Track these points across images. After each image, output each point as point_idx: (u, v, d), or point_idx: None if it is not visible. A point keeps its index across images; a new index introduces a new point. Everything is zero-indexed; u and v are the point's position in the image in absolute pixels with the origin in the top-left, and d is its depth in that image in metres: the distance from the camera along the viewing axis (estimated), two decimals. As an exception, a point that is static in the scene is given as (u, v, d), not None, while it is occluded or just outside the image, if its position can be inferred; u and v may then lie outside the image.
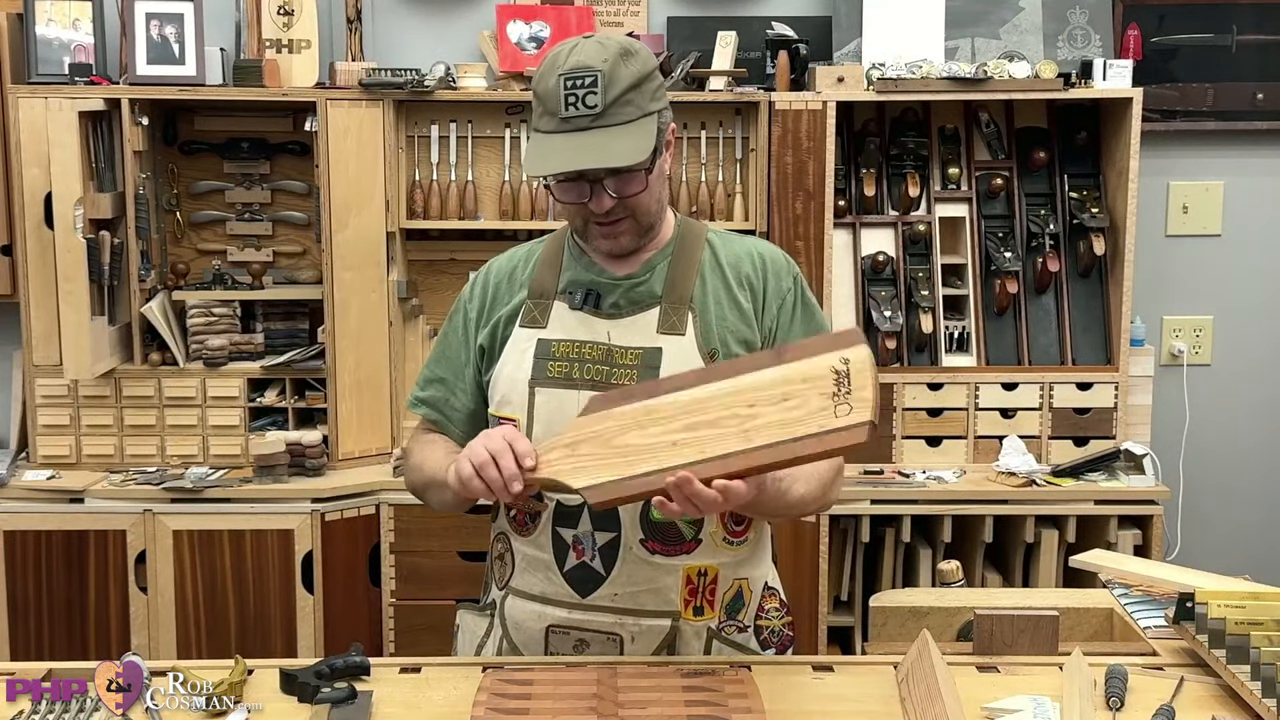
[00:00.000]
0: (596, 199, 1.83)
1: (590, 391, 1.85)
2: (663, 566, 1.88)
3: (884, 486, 3.35)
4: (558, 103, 1.79)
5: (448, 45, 3.64)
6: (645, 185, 1.84)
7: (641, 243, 1.91)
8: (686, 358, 1.87)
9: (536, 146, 1.83)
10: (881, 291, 3.54)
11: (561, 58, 1.81)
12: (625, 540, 1.87)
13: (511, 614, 1.96)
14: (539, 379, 1.90)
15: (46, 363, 3.39)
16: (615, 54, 1.80)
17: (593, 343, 1.90)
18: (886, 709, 1.73)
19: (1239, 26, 3.71)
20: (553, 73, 1.80)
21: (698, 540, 1.90)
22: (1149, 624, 2.05)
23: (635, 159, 1.79)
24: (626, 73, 1.80)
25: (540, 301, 1.94)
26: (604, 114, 1.78)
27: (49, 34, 3.41)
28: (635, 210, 1.86)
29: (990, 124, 3.62)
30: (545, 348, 1.91)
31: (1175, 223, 3.81)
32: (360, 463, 3.46)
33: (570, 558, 1.90)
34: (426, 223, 3.53)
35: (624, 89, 1.79)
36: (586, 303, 1.91)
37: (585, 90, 1.78)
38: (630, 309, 1.91)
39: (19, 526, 3.28)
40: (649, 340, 1.89)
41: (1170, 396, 3.78)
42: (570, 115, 1.78)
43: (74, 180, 3.21)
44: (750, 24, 3.61)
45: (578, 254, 1.96)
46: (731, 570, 1.95)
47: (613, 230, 1.87)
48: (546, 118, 1.81)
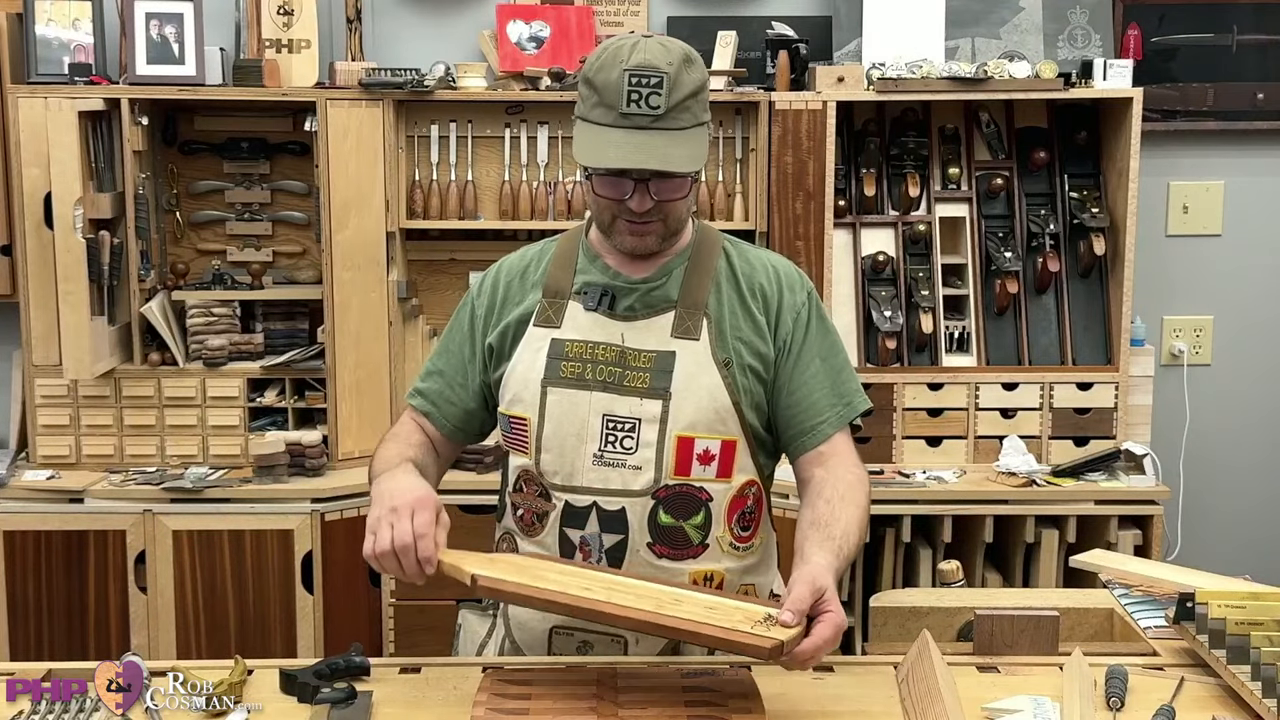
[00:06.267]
0: (638, 197, 1.83)
1: (602, 393, 1.86)
2: (669, 570, 1.88)
3: (884, 486, 3.34)
4: (619, 97, 1.78)
5: (448, 45, 3.64)
6: (687, 192, 1.86)
7: (664, 245, 1.91)
8: (700, 363, 1.87)
9: (590, 136, 1.81)
10: (881, 291, 3.54)
11: (625, 52, 1.79)
12: (632, 544, 1.87)
13: (515, 614, 1.96)
14: (551, 378, 1.89)
15: (46, 363, 3.39)
16: (680, 58, 1.81)
17: (606, 344, 1.89)
18: (886, 709, 1.73)
19: (1239, 26, 3.71)
20: (616, 66, 1.79)
21: (705, 545, 1.90)
22: (1149, 624, 2.05)
23: (692, 166, 1.81)
24: (689, 79, 1.81)
25: (555, 301, 1.93)
26: (665, 116, 1.78)
27: (49, 34, 3.41)
28: (669, 214, 1.86)
29: (990, 124, 3.62)
30: (559, 347, 1.90)
31: (1175, 223, 3.81)
32: (360, 463, 3.45)
33: (576, 559, 1.89)
34: (426, 223, 3.53)
35: (686, 94, 1.80)
36: (601, 304, 1.91)
37: (650, 90, 1.78)
38: (645, 312, 1.91)
39: (19, 526, 3.28)
40: (663, 344, 1.89)
41: (1170, 396, 3.78)
42: (631, 112, 1.78)
43: (74, 180, 3.21)
44: (750, 24, 3.61)
45: (592, 256, 1.95)
46: (738, 576, 1.95)
47: (642, 229, 1.87)
48: (602, 109, 1.80)
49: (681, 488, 1.87)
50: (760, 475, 1.96)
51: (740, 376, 1.89)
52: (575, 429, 1.87)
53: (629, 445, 1.86)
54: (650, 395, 1.86)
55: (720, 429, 1.88)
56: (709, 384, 1.87)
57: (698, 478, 1.88)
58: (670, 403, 1.86)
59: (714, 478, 1.89)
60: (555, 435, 1.88)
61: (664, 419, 1.86)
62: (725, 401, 1.87)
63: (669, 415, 1.86)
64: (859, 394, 1.97)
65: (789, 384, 1.92)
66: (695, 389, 1.86)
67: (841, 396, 1.94)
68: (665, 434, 1.86)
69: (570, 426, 1.88)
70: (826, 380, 1.93)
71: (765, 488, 1.99)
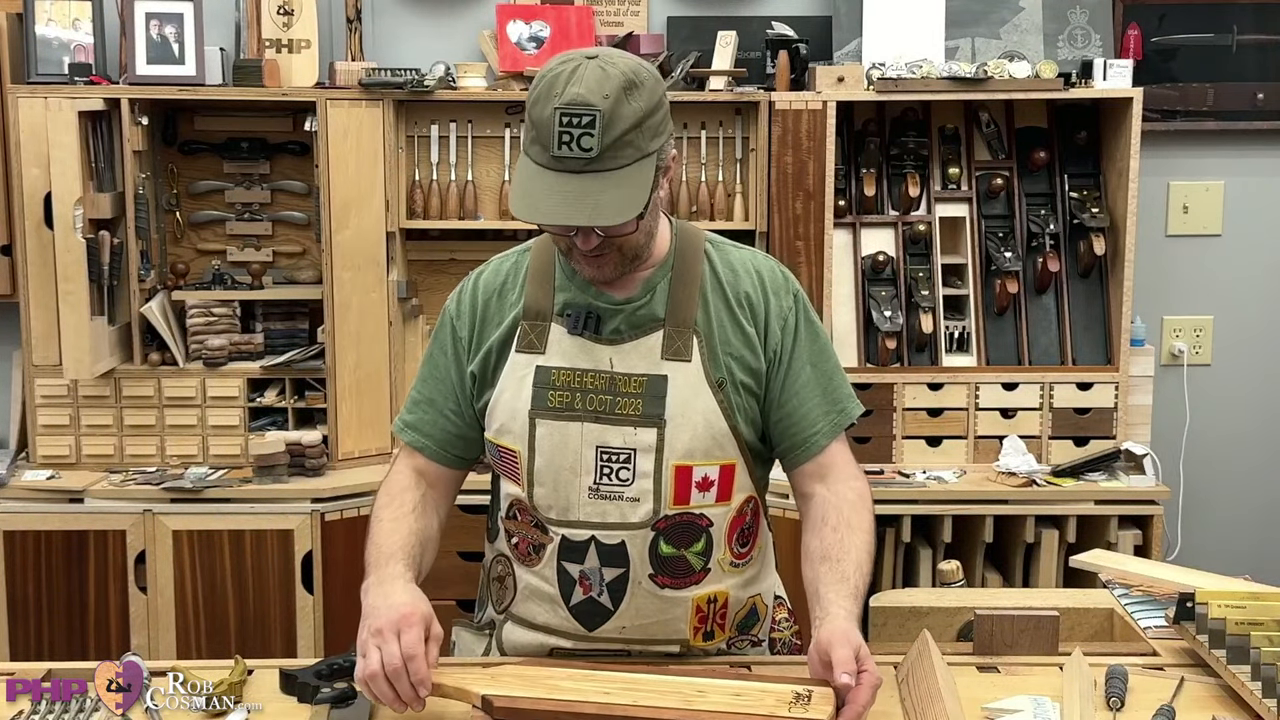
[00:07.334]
0: (583, 237, 1.71)
1: (594, 423, 1.79)
2: (672, 599, 1.84)
3: (884, 486, 3.34)
4: (550, 138, 1.64)
5: (448, 45, 3.64)
6: (635, 229, 1.72)
7: (625, 272, 1.80)
8: (693, 386, 1.80)
9: (525, 180, 1.68)
10: (882, 291, 3.54)
11: (560, 85, 1.64)
12: (634, 575, 1.82)
13: (510, 638, 1.92)
14: (539, 409, 1.81)
15: (46, 363, 3.39)
16: (618, 88, 1.64)
17: (595, 371, 1.80)
18: (886, 709, 1.73)
19: (1239, 26, 3.71)
20: (548, 102, 1.64)
21: (706, 570, 1.85)
22: (1149, 624, 2.05)
23: (626, 216, 1.66)
24: (628, 111, 1.65)
25: (536, 324, 1.83)
26: (599, 158, 1.64)
27: (49, 34, 3.41)
28: (622, 245, 1.75)
29: (990, 124, 3.62)
30: (545, 375, 1.81)
31: (1175, 223, 3.81)
32: (360, 463, 3.45)
33: (577, 592, 1.84)
34: (426, 223, 3.53)
35: (624, 130, 1.64)
36: (586, 327, 1.81)
37: (581, 131, 1.62)
38: (632, 333, 1.82)
39: (19, 526, 3.28)
40: (653, 367, 1.80)
41: (1170, 396, 3.78)
42: (563, 155, 1.63)
43: (74, 180, 3.21)
44: (750, 24, 3.60)
45: (570, 272, 1.84)
46: (740, 591, 1.91)
47: (597, 261, 1.76)
48: (538, 148, 1.67)
49: (681, 517, 1.82)
50: (757, 489, 1.91)
51: (734, 395, 1.82)
52: (568, 462, 1.80)
53: (625, 477, 1.79)
54: (644, 424, 1.79)
55: (718, 454, 1.81)
56: (704, 408, 1.80)
57: (697, 505, 1.82)
58: (665, 430, 1.79)
59: (714, 503, 1.83)
60: (548, 469, 1.81)
61: (660, 448, 1.79)
62: (722, 426, 1.81)
63: (665, 444, 1.79)
64: (851, 399, 1.91)
65: (780, 395, 1.86)
66: (690, 415, 1.79)
67: (835, 403, 1.88)
68: (662, 464, 1.79)
69: (563, 460, 1.80)
70: (818, 388, 1.87)
71: (761, 496, 1.94)
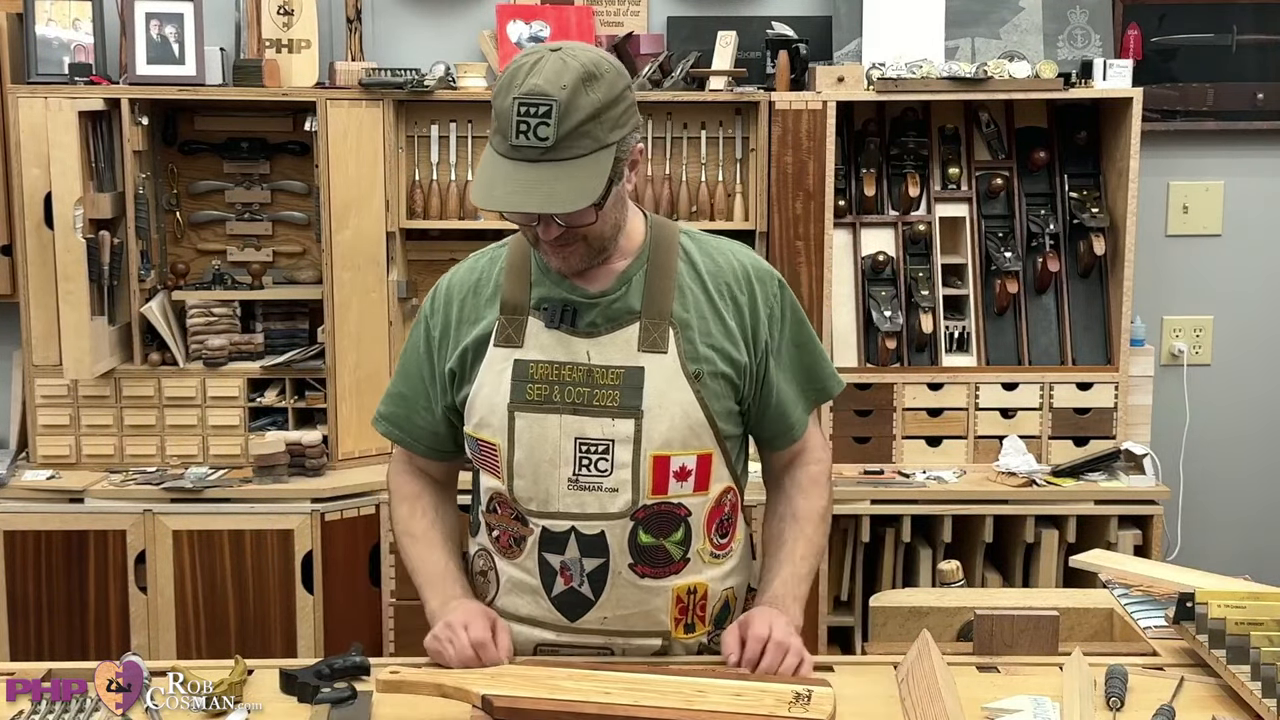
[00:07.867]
0: (543, 226, 1.75)
1: (572, 415, 1.82)
2: (652, 589, 1.87)
3: (884, 486, 3.34)
4: (509, 127, 1.68)
5: (448, 45, 3.64)
6: (595, 219, 1.75)
7: (594, 263, 1.82)
8: (669, 378, 1.82)
9: (486, 169, 1.73)
10: (881, 291, 3.54)
11: (520, 76, 1.69)
12: (614, 565, 1.85)
13: None
14: (518, 402, 1.83)
15: (46, 363, 3.39)
16: (576, 79, 1.68)
17: (572, 364, 1.83)
18: (886, 709, 1.74)
19: (1239, 26, 3.71)
20: (508, 92, 1.69)
21: (686, 560, 1.88)
22: (1149, 624, 2.05)
23: (579, 204, 1.69)
24: (586, 102, 1.68)
25: (514, 318, 1.86)
26: (555, 147, 1.67)
27: (49, 34, 3.41)
28: (587, 235, 1.77)
29: (990, 124, 3.62)
30: (523, 369, 1.84)
31: (1175, 223, 3.81)
32: (360, 463, 3.45)
33: (558, 583, 1.87)
34: (426, 223, 3.53)
35: (580, 120, 1.68)
36: (563, 321, 1.83)
37: (537, 120, 1.66)
38: (608, 326, 1.84)
39: (19, 526, 3.28)
40: (630, 359, 1.82)
41: (1170, 396, 3.78)
42: (520, 144, 1.68)
43: (74, 180, 3.21)
44: (750, 24, 3.60)
45: (545, 267, 1.86)
46: (719, 583, 1.94)
47: (563, 251, 1.78)
48: (499, 137, 1.72)
49: (660, 506, 1.84)
50: (735, 479, 1.93)
51: (712, 383, 1.84)
52: (548, 454, 1.83)
53: (604, 468, 1.82)
54: (621, 415, 1.81)
55: (695, 444, 1.84)
56: (681, 399, 1.82)
57: (675, 494, 1.84)
58: (643, 421, 1.81)
59: (691, 492, 1.86)
60: (528, 461, 1.84)
61: (637, 439, 1.81)
62: (699, 416, 1.83)
63: (642, 435, 1.81)
64: (832, 377, 2.01)
65: (762, 389, 1.91)
66: (668, 405, 1.82)
67: (814, 382, 1.98)
68: (640, 454, 1.81)
69: (542, 452, 1.83)
70: (802, 373, 1.96)
71: (739, 488, 1.96)
